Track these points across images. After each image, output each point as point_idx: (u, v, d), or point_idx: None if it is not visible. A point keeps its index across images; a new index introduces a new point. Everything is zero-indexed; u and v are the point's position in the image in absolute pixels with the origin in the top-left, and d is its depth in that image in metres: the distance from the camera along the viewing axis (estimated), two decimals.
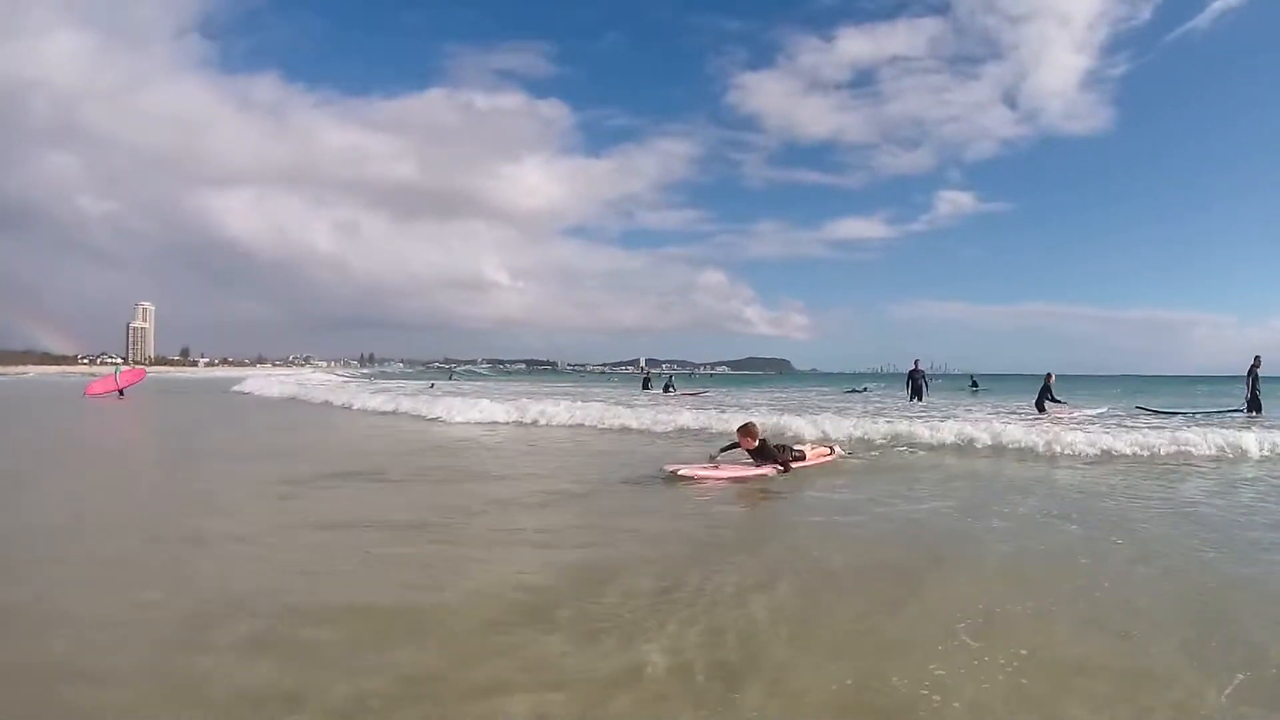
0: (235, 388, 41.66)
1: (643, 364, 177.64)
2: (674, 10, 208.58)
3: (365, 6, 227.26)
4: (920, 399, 23.88)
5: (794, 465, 8.87)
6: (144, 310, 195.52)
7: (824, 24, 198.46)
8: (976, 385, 42.84)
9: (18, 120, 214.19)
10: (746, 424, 8.85)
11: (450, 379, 51.30)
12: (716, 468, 8.38)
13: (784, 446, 9.13)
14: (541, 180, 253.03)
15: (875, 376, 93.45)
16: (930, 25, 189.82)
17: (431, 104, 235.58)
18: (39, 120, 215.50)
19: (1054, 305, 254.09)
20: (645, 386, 34.57)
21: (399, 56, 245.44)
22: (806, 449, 9.66)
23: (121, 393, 30.63)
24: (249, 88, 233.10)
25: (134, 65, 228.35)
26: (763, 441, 8.80)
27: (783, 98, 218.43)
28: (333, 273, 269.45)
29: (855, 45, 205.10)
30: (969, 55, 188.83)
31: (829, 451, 10.07)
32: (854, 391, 35.38)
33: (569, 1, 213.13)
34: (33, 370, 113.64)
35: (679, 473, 8.21)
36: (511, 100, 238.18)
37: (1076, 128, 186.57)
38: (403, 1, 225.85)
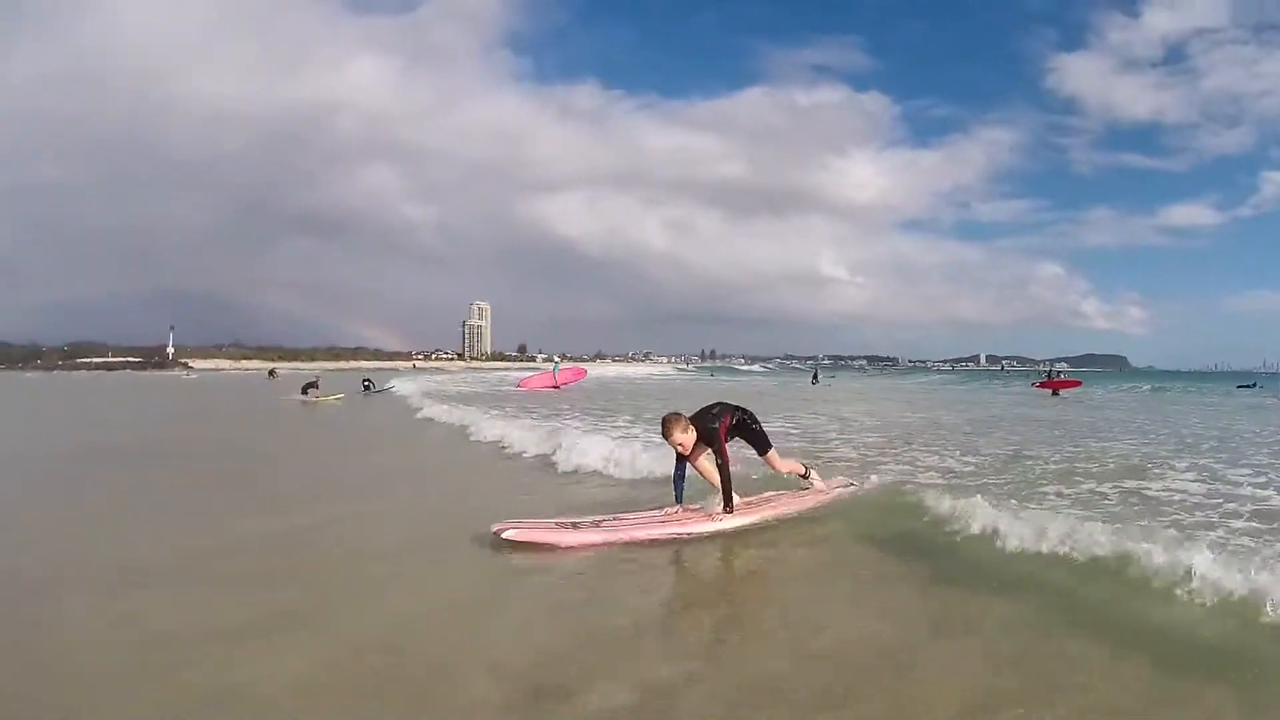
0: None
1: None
2: None
3: (671, 12, 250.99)
4: None
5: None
6: (479, 309, 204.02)
7: None
8: None
9: (332, 139, 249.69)
10: (667, 416, 5.75)
11: (814, 382, 45.64)
12: (563, 529, 5.27)
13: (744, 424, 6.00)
14: (872, 174, 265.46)
15: (1250, 375, 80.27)
16: None
17: (753, 103, 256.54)
18: (352, 138, 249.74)
19: None
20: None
21: (713, 58, 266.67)
22: (811, 476, 6.38)
23: (558, 388, 31.00)
24: (568, 96, 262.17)
25: (443, 83, 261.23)
26: (704, 425, 5.70)
27: (1098, 78, 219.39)
28: (670, 270, 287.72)
29: (1161, 19, 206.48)
30: (1272, 22, 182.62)
31: (828, 488, 6.42)
32: (1245, 387, 34.37)
33: None
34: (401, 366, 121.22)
35: (504, 534, 5.13)
36: (833, 95, 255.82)
37: None
38: (707, 3, 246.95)
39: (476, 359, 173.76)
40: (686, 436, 5.63)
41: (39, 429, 17.06)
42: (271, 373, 62.14)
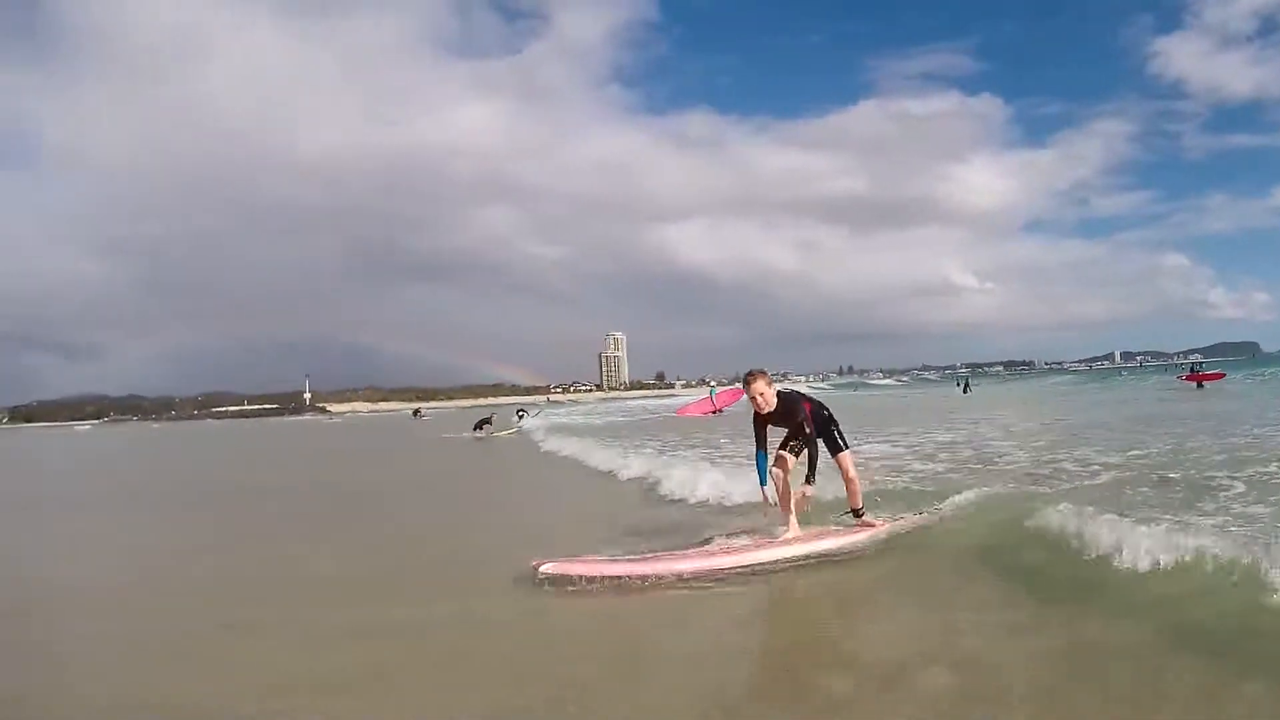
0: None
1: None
2: None
3: (768, 35, 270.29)
4: None
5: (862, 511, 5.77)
6: (615, 340, 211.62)
7: None
8: None
9: (450, 182, 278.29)
10: (752, 370, 5.61)
11: (965, 391, 43.74)
12: (602, 562, 5.12)
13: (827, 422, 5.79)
14: (990, 178, 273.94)
15: None
16: None
17: (866, 116, 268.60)
18: (470, 181, 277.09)
19: None
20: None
21: (820, 75, 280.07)
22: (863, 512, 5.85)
23: (718, 412, 29.33)
24: (681, 125, 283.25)
25: (556, 121, 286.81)
26: (786, 400, 5.57)
27: (1199, 59, 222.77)
28: (799, 289, 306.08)
29: None
30: None
31: (878, 524, 5.84)
32: None
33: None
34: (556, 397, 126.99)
35: (545, 570, 4.94)
36: (944, 102, 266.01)
37: None
38: (809, 25, 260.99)
39: (615, 389, 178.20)
40: (769, 390, 5.47)
41: (269, 470, 18.92)
42: (416, 412, 64.38)
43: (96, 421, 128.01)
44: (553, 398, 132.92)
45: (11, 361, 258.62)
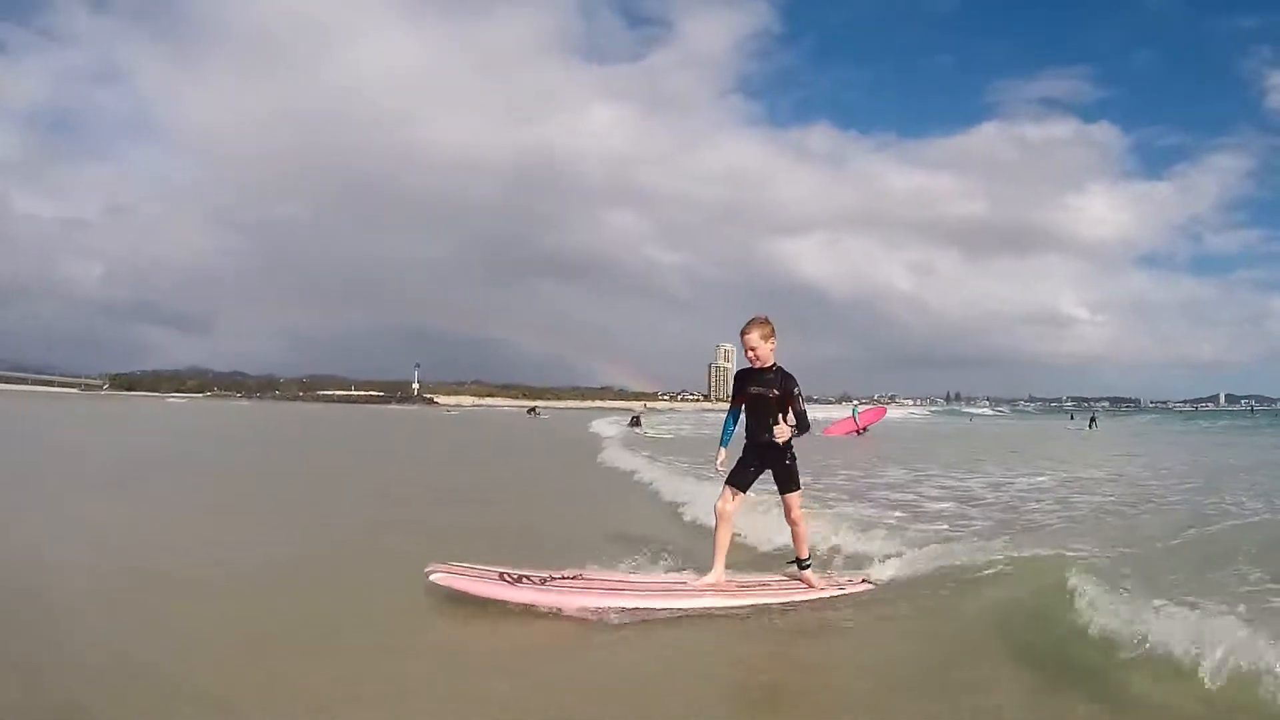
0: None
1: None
2: (1192, 16, 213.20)
3: (898, 53, 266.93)
4: None
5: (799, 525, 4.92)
6: (725, 351, 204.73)
7: None
8: None
9: (577, 184, 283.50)
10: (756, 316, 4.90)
11: (1091, 426, 42.82)
12: (505, 583, 4.44)
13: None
14: (1106, 209, 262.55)
15: None
16: None
17: (986, 139, 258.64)
18: (596, 183, 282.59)
19: None
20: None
21: (944, 96, 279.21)
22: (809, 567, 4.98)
23: (862, 431, 29.48)
24: (803, 139, 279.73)
25: (680, 128, 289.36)
26: (784, 371, 4.88)
27: None
28: (911, 311, 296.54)
29: None
30: None
31: (845, 584, 5.02)
32: None
33: (1092, 24, 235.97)
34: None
35: (437, 579, 4.40)
36: (1063, 128, 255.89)
37: None
38: (937, 44, 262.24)
39: (723, 400, 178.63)
40: (765, 346, 4.81)
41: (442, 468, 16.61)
42: (532, 410, 66.21)
43: (199, 395, 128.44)
44: (649, 404, 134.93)
45: (123, 330, 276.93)
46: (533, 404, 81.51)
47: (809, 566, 4.98)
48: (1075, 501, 8.95)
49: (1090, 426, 41.63)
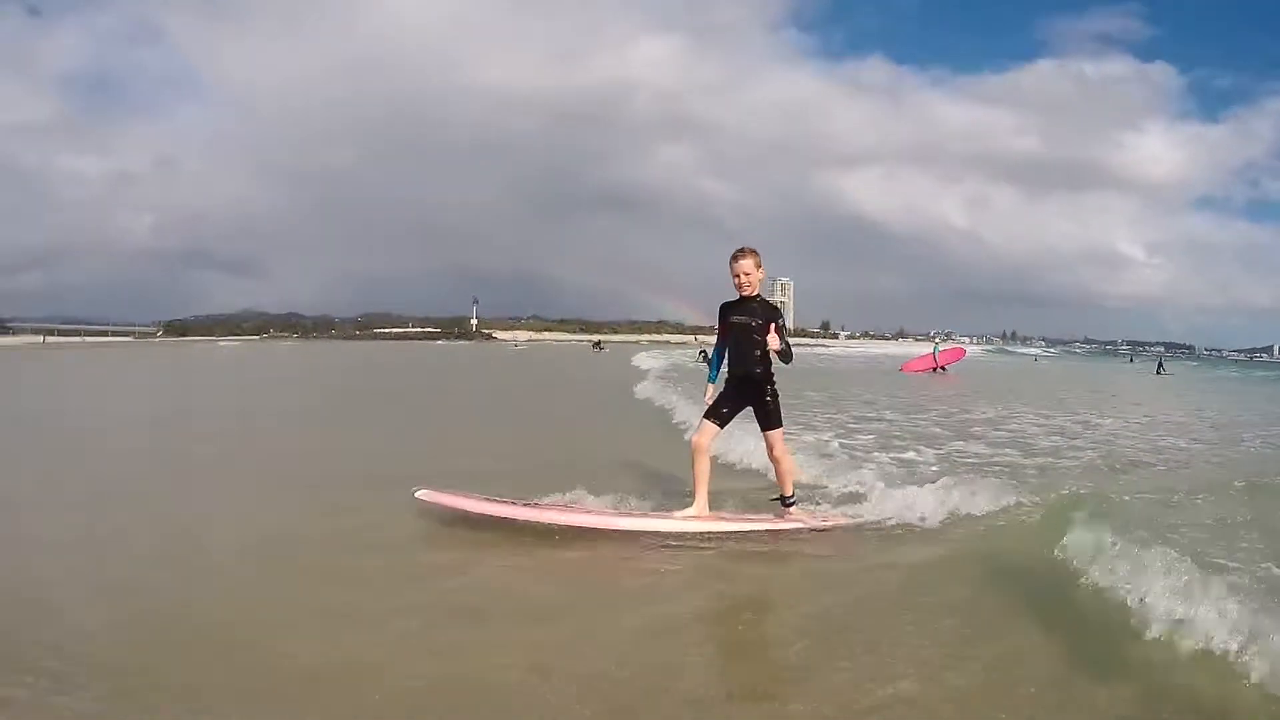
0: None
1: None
2: None
3: None
4: None
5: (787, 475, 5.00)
6: (782, 285, 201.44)
7: None
8: None
9: (627, 117, 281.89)
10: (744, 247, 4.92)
11: (1160, 371, 41.11)
12: (514, 504, 4.80)
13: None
14: (1163, 148, 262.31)
15: None
16: None
17: (1043, 75, 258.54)
18: (647, 116, 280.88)
19: None
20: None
21: (999, 30, 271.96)
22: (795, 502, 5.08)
23: (942, 369, 30.34)
24: (858, 72, 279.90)
25: (732, 60, 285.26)
26: (769, 302, 4.95)
27: None
28: (967, 247, 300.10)
29: None
30: None
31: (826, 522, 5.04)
32: None
33: None
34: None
35: (425, 498, 4.80)
36: (1120, 66, 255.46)
37: None
38: None
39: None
40: (757, 274, 4.86)
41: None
42: (597, 344, 67.52)
43: (256, 338, 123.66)
44: (699, 338, 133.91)
45: (177, 278, 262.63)
46: (597, 338, 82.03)
47: (794, 503, 5.04)
48: (1164, 445, 9.46)
49: (1158, 371, 41.16)
